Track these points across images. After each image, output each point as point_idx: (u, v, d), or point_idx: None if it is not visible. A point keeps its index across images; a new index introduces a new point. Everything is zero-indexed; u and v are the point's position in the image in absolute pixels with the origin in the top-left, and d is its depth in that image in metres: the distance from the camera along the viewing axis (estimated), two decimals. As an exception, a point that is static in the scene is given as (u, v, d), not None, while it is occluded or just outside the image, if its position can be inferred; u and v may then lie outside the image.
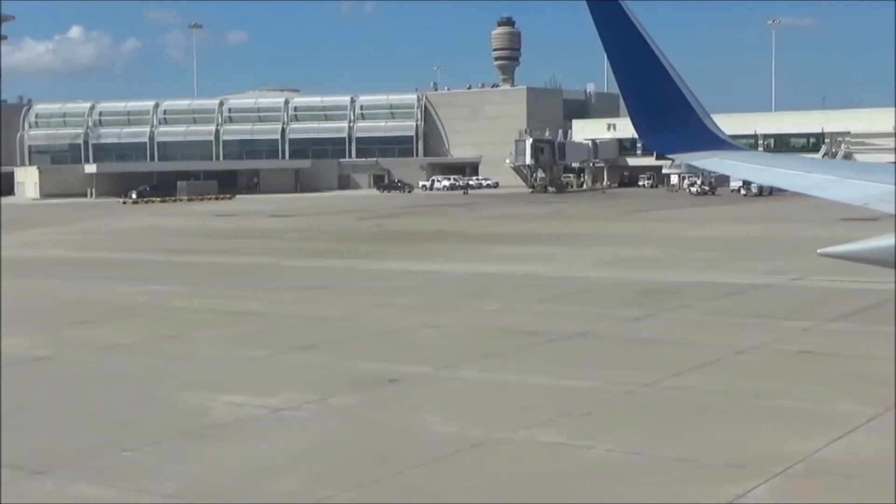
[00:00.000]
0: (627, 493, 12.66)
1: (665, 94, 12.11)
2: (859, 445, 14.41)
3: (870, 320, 24.97)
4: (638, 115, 12.40)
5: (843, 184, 10.72)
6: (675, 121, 12.33)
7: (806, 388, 17.93)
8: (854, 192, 10.16)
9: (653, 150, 16.06)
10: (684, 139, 12.57)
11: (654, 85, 12.10)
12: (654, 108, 12.32)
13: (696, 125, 12.43)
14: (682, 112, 12.28)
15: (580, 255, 42.92)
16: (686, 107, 12.29)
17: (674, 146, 13.02)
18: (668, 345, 22.41)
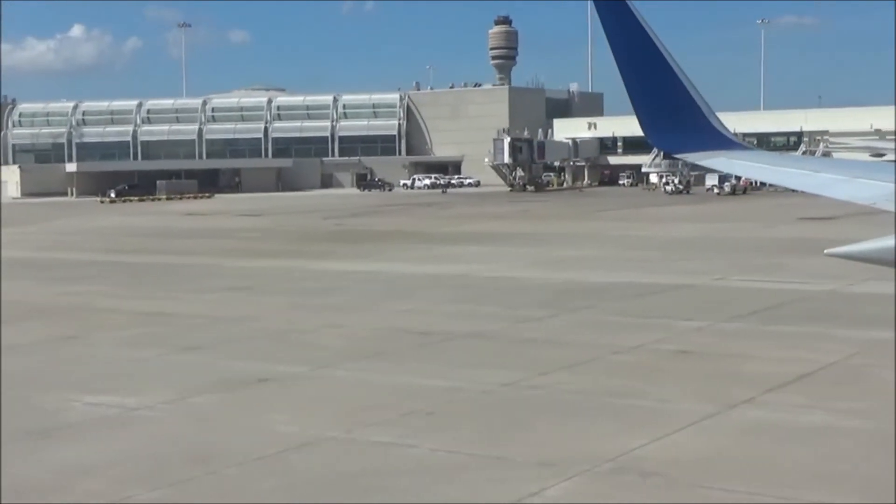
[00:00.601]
0: (427, 491, 12.82)
1: (671, 94, 12.12)
2: (679, 444, 14.56)
3: (766, 321, 25.14)
4: (644, 114, 12.41)
5: (851, 183, 10.77)
6: (681, 120, 12.35)
7: (661, 387, 18.08)
8: (862, 191, 10.25)
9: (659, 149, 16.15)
10: (690, 138, 12.59)
11: (661, 84, 12.10)
12: (660, 108, 12.32)
13: (702, 124, 12.46)
14: (689, 111, 12.29)
15: (521, 255, 43.05)
16: (692, 106, 12.30)
17: (680, 145, 13.08)
18: (552, 345, 22.56)
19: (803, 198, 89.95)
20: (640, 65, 12.06)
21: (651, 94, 12.23)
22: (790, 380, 18.40)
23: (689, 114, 12.26)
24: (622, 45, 12.08)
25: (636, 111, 12.31)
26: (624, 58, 12.10)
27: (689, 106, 12.22)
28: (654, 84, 12.14)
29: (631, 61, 12.12)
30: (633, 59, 12.08)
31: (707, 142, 12.59)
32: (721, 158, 12.67)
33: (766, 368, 19.40)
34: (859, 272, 34.41)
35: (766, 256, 40.65)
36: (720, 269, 36.16)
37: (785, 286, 31.52)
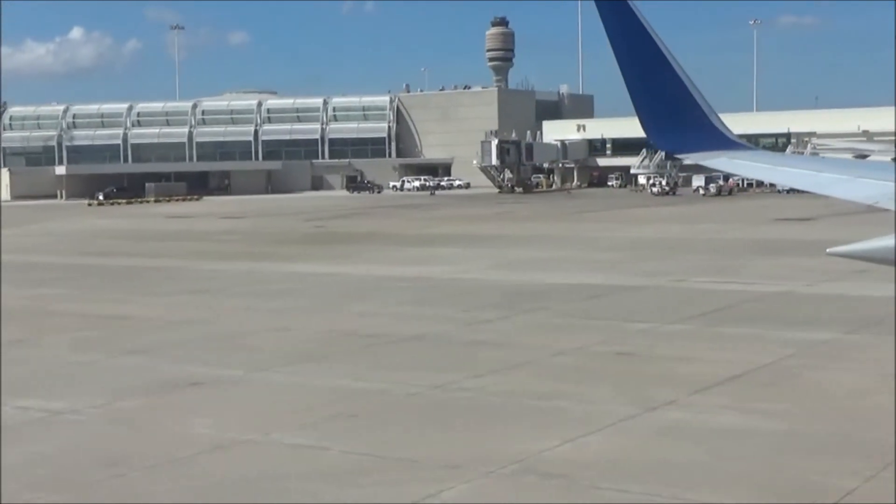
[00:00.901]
0: (323, 493, 12.86)
1: (673, 94, 12.09)
2: (589, 446, 14.59)
3: (712, 322, 25.17)
4: (645, 115, 12.36)
5: (853, 182, 10.78)
6: (682, 120, 12.32)
7: (589, 389, 18.12)
8: (864, 190, 10.27)
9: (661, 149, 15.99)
10: (692, 139, 12.57)
11: (662, 84, 12.08)
12: (661, 108, 12.29)
13: (704, 125, 12.43)
14: (690, 111, 12.26)
15: (490, 256, 43.11)
16: (694, 106, 12.27)
17: (682, 146, 13.03)
18: (495, 347, 22.59)
19: (785, 199, 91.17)
20: (642, 65, 12.05)
21: (652, 94, 12.22)
22: (719, 381, 18.43)
23: (691, 114, 12.26)
24: (623, 45, 12.05)
25: (637, 111, 12.28)
26: (625, 58, 12.08)
27: (690, 106, 12.22)
28: (655, 84, 12.13)
29: (632, 61, 12.10)
30: (635, 60, 12.06)
31: (708, 142, 12.59)
32: (722, 158, 12.67)
33: (698, 370, 19.44)
34: (818, 273, 34.63)
35: (731, 257, 40.72)
36: (682, 271, 36.24)
37: (741, 287, 31.56)
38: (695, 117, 12.28)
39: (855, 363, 19.99)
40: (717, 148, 12.63)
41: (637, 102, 12.23)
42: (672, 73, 11.98)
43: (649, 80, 12.13)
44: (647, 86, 12.19)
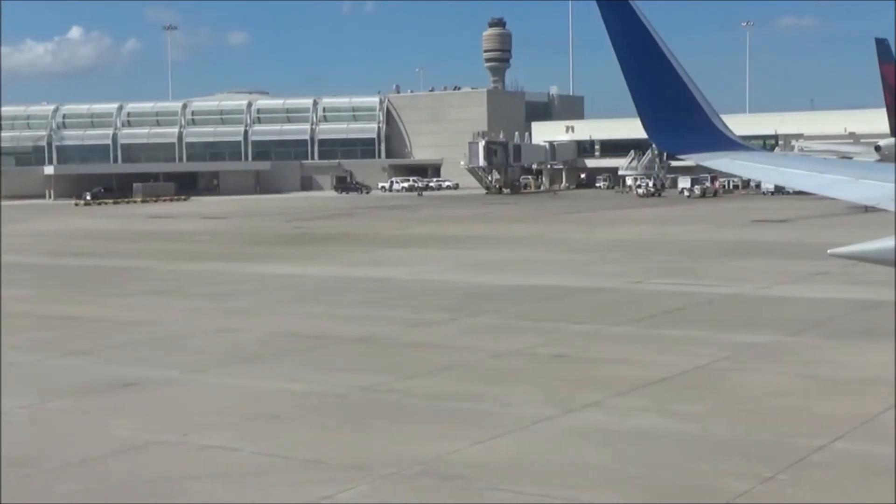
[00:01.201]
0: (220, 493, 12.91)
1: (674, 94, 12.06)
2: (498, 447, 14.65)
3: (657, 324, 25.21)
4: (647, 115, 12.32)
5: (856, 184, 10.78)
6: (684, 121, 12.28)
7: (514, 391, 18.18)
8: (866, 191, 10.33)
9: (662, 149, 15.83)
10: (694, 139, 12.54)
11: (664, 84, 12.03)
12: (663, 108, 12.25)
13: (705, 125, 12.39)
14: (692, 112, 12.22)
15: (456, 258, 43.18)
16: (695, 107, 12.24)
17: (683, 146, 13.00)
18: (434, 349, 22.65)
19: (768, 201, 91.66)
20: (643, 65, 12.01)
21: (654, 94, 12.18)
22: (646, 384, 18.50)
23: (692, 114, 12.22)
24: (625, 45, 12.01)
25: (639, 112, 12.24)
26: (627, 58, 12.04)
27: (691, 106, 12.18)
28: (656, 84, 12.09)
29: (634, 62, 12.06)
30: (636, 60, 12.03)
31: (709, 142, 12.56)
32: (724, 159, 12.63)
33: (629, 372, 19.50)
34: (778, 275, 34.74)
35: (698, 259, 40.83)
36: (644, 272, 36.32)
37: (696, 290, 31.64)
38: (696, 118, 12.27)
39: (785, 365, 20.06)
40: (719, 148, 12.61)
41: (638, 103, 12.21)
42: (673, 74, 11.96)
43: (651, 81, 12.11)
44: (649, 86, 12.17)
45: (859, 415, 15.97)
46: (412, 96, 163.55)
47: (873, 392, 17.48)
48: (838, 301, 28.61)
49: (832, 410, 16.40)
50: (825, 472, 13.28)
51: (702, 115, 12.31)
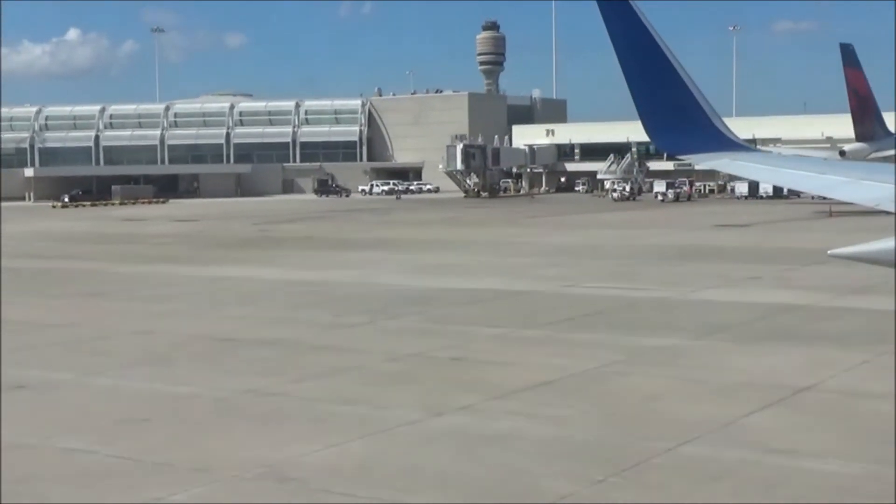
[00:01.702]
0: (55, 495, 13.04)
1: (675, 95, 12.04)
2: (349, 451, 14.77)
3: (569, 328, 25.39)
4: (647, 116, 12.29)
5: (856, 185, 10.78)
6: (684, 121, 12.25)
7: (393, 394, 18.32)
8: (866, 193, 10.31)
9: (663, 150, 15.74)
10: (694, 140, 12.52)
11: (664, 85, 12.01)
12: (663, 109, 12.22)
13: (706, 126, 12.37)
14: (692, 113, 12.19)
15: (406, 261, 43.35)
16: (696, 107, 12.23)
17: (684, 147, 12.98)
18: (336, 352, 22.77)
19: (742, 205, 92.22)
20: (644, 66, 11.98)
21: (654, 95, 12.14)
22: (527, 387, 18.64)
23: (693, 115, 12.20)
24: (626, 45, 11.98)
25: (639, 112, 12.21)
26: (627, 59, 12.01)
27: (692, 107, 12.17)
28: (657, 85, 12.05)
29: (634, 62, 12.02)
30: (637, 60, 11.99)
31: (710, 143, 12.55)
32: (724, 160, 12.64)
33: (516, 376, 19.63)
34: (712, 279, 34.92)
35: (641, 263, 41.01)
36: (582, 276, 36.53)
37: (626, 293, 31.81)
38: (697, 118, 12.25)
39: (673, 369, 20.23)
40: (719, 149, 12.61)
41: (639, 103, 12.18)
42: (674, 74, 11.94)
43: (651, 81, 12.08)
44: (649, 86, 12.13)
45: (721, 419, 16.14)
46: (394, 99, 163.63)
47: (747, 396, 17.65)
48: (759, 305, 28.80)
49: (698, 414, 16.56)
50: (657, 476, 13.42)
51: (702, 115, 12.32)
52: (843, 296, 30.34)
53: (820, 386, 18.41)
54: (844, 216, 71.86)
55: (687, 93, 12.04)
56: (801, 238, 54.07)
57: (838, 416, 16.34)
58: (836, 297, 30.12)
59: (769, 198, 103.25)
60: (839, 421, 16.06)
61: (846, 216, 71.95)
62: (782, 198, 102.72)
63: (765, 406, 16.95)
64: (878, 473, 13.28)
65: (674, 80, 11.94)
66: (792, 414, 16.58)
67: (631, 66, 12.05)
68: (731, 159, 12.56)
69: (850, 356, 20.99)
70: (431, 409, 17.08)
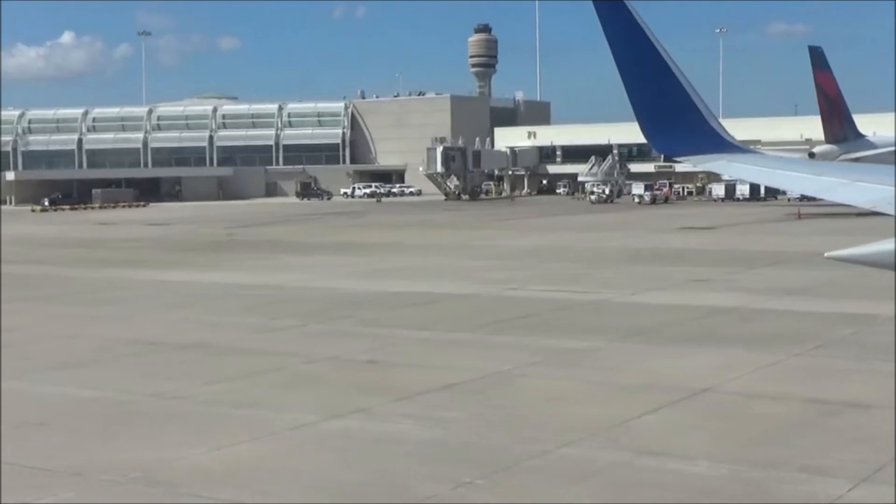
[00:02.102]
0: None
1: (671, 95, 11.99)
2: (232, 454, 14.85)
3: (498, 330, 25.48)
4: (643, 117, 12.24)
5: (852, 186, 10.76)
6: (681, 122, 12.20)
7: (293, 397, 18.43)
8: (862, 194, 10.29)
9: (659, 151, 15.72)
10: (691, 141, 12.46)
11: (660, 86, 11.97)
12: (659, 110, 12.18)
13: (702, 127, 12.34)
14: (689, 114, 12.15)
15: (361, 265, 43.46)
16: (692, 108, 12.18)
17: (680, 148, 12.88)
18: (256, 355, 22.86)
19: (718, 207, 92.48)
20: (640, 67, 11.94)
21: (651, 96, 12.11)
22: (430, 389, 18.72)
23: (689, 116, 12.17)
24: (621, 46, 11.97)
25: (635, 112, 12.19)
26: (623, 59, 11.99)
27: (688, 108, 12.14)
28: (653, 86, 12.02)
29: (630, 63, 11.99)
30: (633, 61, 11.96)
31: (707, 145, 12.54)
32: (721, 161, 12.64)
33: (424, 378, 19.71)
34: (659, 281, 35.03)
35: (595, 266, 41.12)
36: (528, 279, 36.64)
37: (565, 296, 31.92)
38: (693, 120, 12.23)
39: (581, 371, 20.36)
40: (716, 151, 12.62)
41: (635, 104, 12.17)
42: (670, 75, 11.93)
43: (647, 82, 12.06)
44: (646, 88, 12.11)
45: (611, 421, 16.23)
46: (377, 102, 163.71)
47: (647, 398, 17.74)
48: (693, 307, 28.92)
49: (591, 416, 16.66)
50: (523, 478, 13.52)
51: (699, 116, 12.31)
52: (779, 298, 30.51)
53: (720, 388, 18.52)
54: (811, 218, 72.22)
55: (683, 94, 12.07)
56: (762, 240, 54.28)
57: (726, 418, 16.45)
58: (771, 299, 30.26)
59: (745, 200, 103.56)
60: (725, 422, 16.17)
61: (813, 218, 72.32)
62: (759, 200, 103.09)
63: (659, 408, 17.07)
64: (740, 474, 13.41)
65: (670, 81, 11.97)
66: (682, 416, 16.71)
67: (627, 66, 12.06)
68: (729, 161, 12.61)
69: (762, 358, 21.13)
70: (328, 411, 17.16)
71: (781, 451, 14.36)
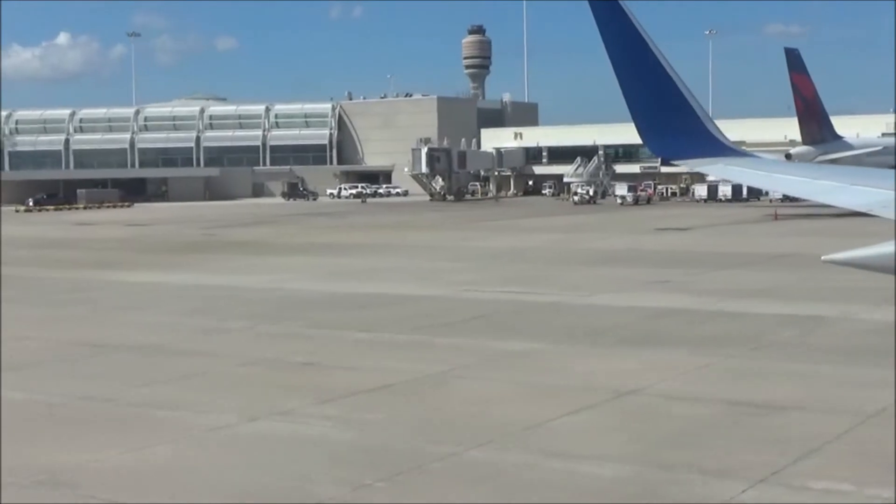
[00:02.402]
0: None
1: (668, 99, 11.97)
2: (145, 456, 14.87)
3: (444, 332, 25.52)
4: (641, 119, 12.21)
5: (848, 190, 10.75)
6: (678, 125, 12.18)
7: (224, 398, 18.45)
8: (859, 198, 10.26)
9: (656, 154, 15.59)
10: (689, 144, 12.46)
11: (657, 88, 11.93)
12: (656, 112, 12.15)
13: (700, 130, 12.33)
14: (686, 116, 12.13)
15: (329, 266, 43.58)
16: (689, 111, 12.18)
17: (678, 151, 12.96)
18: (197, 356, 22.94)
19: (701, 208, 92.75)
20: (636, 68, 11.91)
21: (647, 99, 12.08)
22: (361, 391, 18.78)
23: (687, 119, 12.16)
24: (617, 47, 11.92)
25: (633, 116, 12.17)
26: (619, 61, 11.95)
27: (686, 111, 12.13)
28: (650, 89, 11.98)
29: (626, 64, 11.96)
30: (628, 63, 11.92)
31: (704, 148, 12.54)
32: (719, 165, 12.71)
33: (357, 379, 19.75)
34: (620, 283, 35.10)
35: (559, 267, 41.27)
36: (489, 280, 36.73)
37: (522, 297, 32.02)
38: (690, 123, 12.21)
39: (514, 373, 20.42)
40: (714, 154, 12.63)
41: (632, 107, 12.16)
42: (665, 77, 11.89)
43: (644, 84, 12.01)
44: (642, 90, 12.07)
45: (530, 422, 16.29)
46: (364, 103, 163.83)
47: (571, 400, 17.82)
48: (644, 309, 29.00)
49: (512, 418, 16.69)
50: (427, 479, 13.60)
51: (696, 120, 12.29)
52: (736, 300, 30.59)
53: (648, 389, 18.60)
54: (788, 219, 72.48)
55: (680, 97, 12.05)
56: (735, 241, 54.46)
57: (644, 420, 16.52)
58: (728, 300, 30.34)
59: (728, 201, 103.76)
60: (642, 424, 16.25)
61: (790, 219, 72.59)
62: (741, 201, 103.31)
63: (580, 409, 17.16)
64: (641, 475, 13.50)
65: (667, 84, 11.94)
66: (602, 417, 16.78)
67: (623, 69, 12.02)
68: (726, 164, 12.63)
69: (696, 360, 21.23)
70: (249, 413, 17.22)
71: (689, 453, 14.45)
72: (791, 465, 13.76)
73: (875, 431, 15.53)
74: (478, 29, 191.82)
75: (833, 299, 29.95)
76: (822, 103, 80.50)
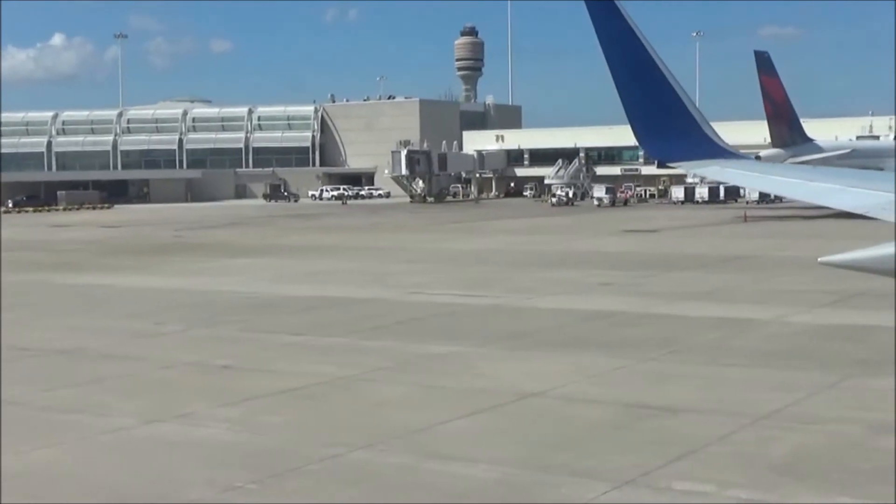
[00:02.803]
0: None
1: (663, 100, 12.00)
2: (32, 457, 15.01)
3: (372, 336, 25.60)
4: (636, 121, 12.26)
5: (845, 192, 10.72)
6: (674, 128, 12.21)
7: (128, 401, 18.57)
8: (856, 200, 10.24)
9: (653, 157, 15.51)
10: (685, 147, 12.55)
11: (652, 90, 11.95)
12: (652, 114, 12.18)
13: (695, 133, 12.37)
14: (682, 119, 12.17)
15: (286, 268, 43.77)
16: (685, 114, 12.22)
17: (674, 154, 13.08)
18: (123, 360, 23.01)
19: (675, 209, 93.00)
20: (632, 70, 11.92)
21: (644, 101, 12.10)
22: (269, 394, 18.92)
23: (683, 122, 12.19)
24: (613, 48, 11.95)
25: (628, 116, 12.19)
26: (615, 62, 11.97)
27: (682, 114, 12.17)
28: (646, 91, 12.00)
29: (622, 66, 11.97)
30: (625, 64, 11.93)
31: (700, 150, 12.59)
32: (715, 167, 12.72)
33: (269, 383, 19.87)
34: (567, 286, 35.27)
35: (515, 269, 41.49)
36: (437, 283, 36.95)
37: (461, 300, 32.17)
38: (686, 125, 12.26)
39: (427, 376, 20.56)
40: (709, 156, 12.68)
41: (629, 110, 12.18)
42: (661, 79, 11.90)
43: (640, 87, 12.04)
44: (639, 92, 12.11)
45: (420, 425, 16.43)
46: (346, 105, 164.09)
47: (470, 403, 17.94)
48: (579, 311, 29.19)
49: (408, 421, 16.82)
50: (302, 481, 13.74)
51: (692, 122, 12.34)
52: (676, 302, 30.78)
53: (549, 392, 18.75)
54: (757, 221, 72.83)
55: (677, 100, 12.08)
56: (698, 243, 54.77)
57: (535, 423, 16.68)
58: (667, 303, 30.52)
59: (704, 202, 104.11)
60: (531, 427, 16.40)
61: (759, 221, 72.95)
62: (718, 202, 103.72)
63: (475, 412, 17.29)
64: (511, 477, 13.65)
65: (663, 87, 11.95)
66: (493, 420, 16.91)
67: (619, 70, 12.04)
68: (722, 167, 12.64)
69: (612, 363, 21.39)
70: (150, 416, 17.35)
71: (566, 455, 14.61)
72: (663, 467, 13.92)
73: (761, 433, 15.71)
74: (471, 30, 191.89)
75: (773, 302, 30.18)
76: (792, 106, 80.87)
